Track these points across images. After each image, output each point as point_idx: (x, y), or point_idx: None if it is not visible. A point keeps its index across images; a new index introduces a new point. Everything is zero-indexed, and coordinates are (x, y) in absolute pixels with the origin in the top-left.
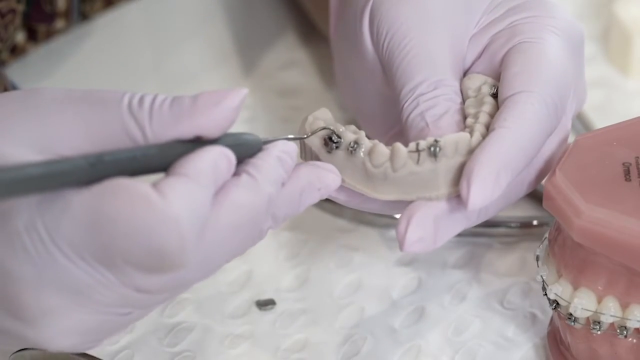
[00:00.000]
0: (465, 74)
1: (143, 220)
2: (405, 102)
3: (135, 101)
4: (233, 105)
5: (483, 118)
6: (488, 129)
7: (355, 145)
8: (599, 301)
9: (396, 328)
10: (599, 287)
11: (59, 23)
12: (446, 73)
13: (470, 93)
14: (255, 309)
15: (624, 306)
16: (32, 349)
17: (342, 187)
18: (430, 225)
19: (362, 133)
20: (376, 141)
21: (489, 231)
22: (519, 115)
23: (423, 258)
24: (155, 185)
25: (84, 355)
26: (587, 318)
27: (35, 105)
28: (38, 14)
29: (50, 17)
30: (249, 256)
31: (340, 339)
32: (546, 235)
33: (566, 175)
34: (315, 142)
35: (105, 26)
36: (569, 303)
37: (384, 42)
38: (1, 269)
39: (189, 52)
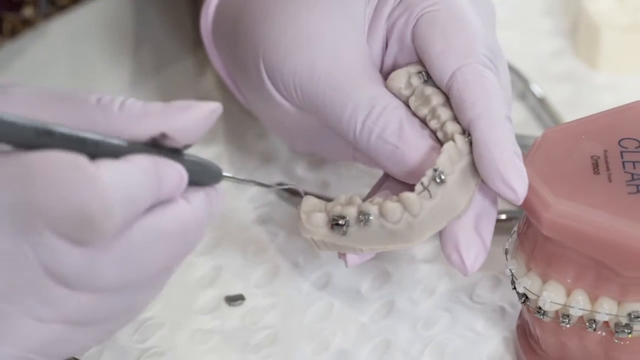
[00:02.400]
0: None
1: (69, 178)
2: (355, 131)
3: (105, 98)
4: (203, 112)
5: (444, 114)
6: (456, 120)
7: (364, 216)
8: (568, 294)
9: (365, 322)
10: (568, 281)
11: (27, 11)
12: (369, 87)
13: (404, 92)
14: (224, 304)
15: (593, 299)
16: None
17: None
18: (474, 238)
19: (356, 198)
20: (378, 200)
21: None
22: (493, 133)
23: (391, 252)
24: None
25: None
26: (556, 311)
27: (2, 101)
28: (5, 2)
29: (17, 5)
30: (217, 251)
31: (310, 334)
32: (515, 229)
33: (535, 168)
34: (322, 232)
35: (70, 21)
36: (538, 296)
37: (296, 94)
38: None
39: (162, 46)
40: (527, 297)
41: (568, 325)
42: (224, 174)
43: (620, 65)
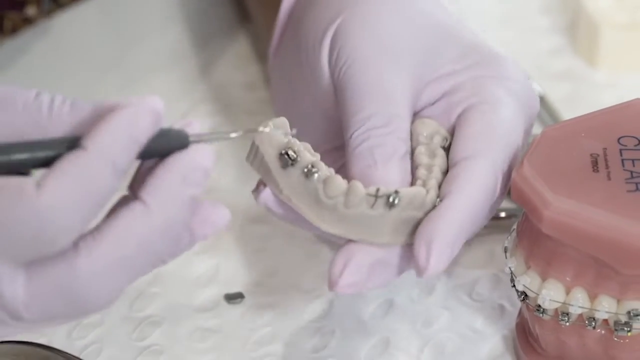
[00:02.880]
0: (415, 115)
1: (11, 208)
2: (355, 132)
3: (32, 103)
4: (150, 104)
5: (436, 174)
6: (439, 185)
7: (313, 170)
8: (568, 292)
9: (365, 320)
10: (567, 279)
11: (30, 10)
12: (400, 110)
13: (422, 139)
14: (223, 302)
15: (593, 297)
16: (0, 342)
17: (282, 202)
18: (365, 271)
19: (318, 156)
20: (332, 171)
21: None
22: (475, 182)
23: None
24: (42, 177)
25: (52, 349)
26: (556, 309)
27: None
28: (7, 1)
29: (20, 4)
30: (217, 250)
31: (309, 332)
32: (514, 226)
33: (534, 166)
34: (270, 152)
35: (72, 19)
36: (537, 294)
37: (341, 67)
38: None
39: (157, 45)
40: (526, 295)
41: (567, 324)
42: (190, 136)
43: (620, 63)
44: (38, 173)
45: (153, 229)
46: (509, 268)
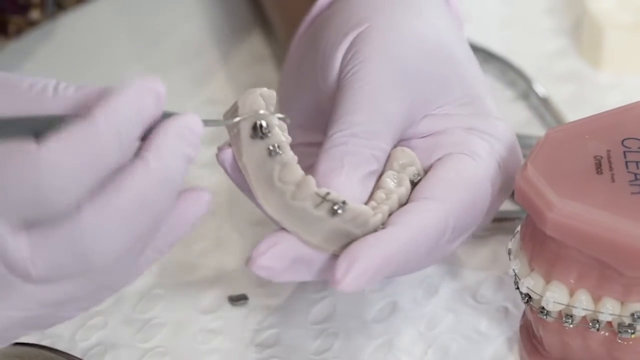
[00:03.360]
0: (400, 141)
1: (14, 165)
2: (337, 132)
3: (38, 84)
4: (152, 84)
5: (393, 202)
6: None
7: (278, 150)
8: (571, 294)
9: (368, 322)
10: (571, 281)
11: (34, 14)
12: (387, 130)
13: (395, 166)
14: (227, 304)
15: (596, 299)
16: None
17: (238, 168)
18: (285, 261)
19: (289, 140)
20: (296, 159)
21: None
22: (420, 222)
23: None
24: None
25: (56, 351)
26: (560, 311)
27: None
28: (11, 5)
29: (24, 8)
30: (221, 251)
31: (313, 334)
32: (518, 228)
33: (538, 168)
34: (246, 124)
35: (76, 21)
36: (541, 296)
37: (351, 69)
38: None
39: (165, 46)
40: (530, 297)
41: (571, 326)
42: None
43: (624, 65)
44: None
45: (152, 182)
46: (513, 270)
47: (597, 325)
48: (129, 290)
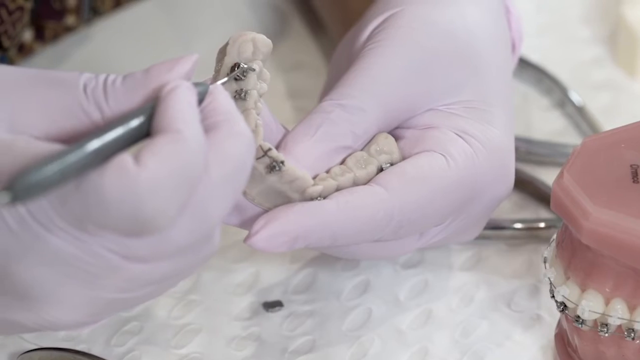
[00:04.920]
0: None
1: (114, 189)
2: (328, 99)
3: (90, 81)
4: (184, 71)
5: (345, 181)
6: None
7: (242, 96)
8: (607, 303)
9: (403, 330)
10: (607, 289)
11: (69, 19)
12: (376, 113)
13: (372, 150)
14: (262, 310)
15: (632, 308)
16: (40, 348)
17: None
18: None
19: (264, 90)
20: (260, 108)
21: (496, 233)
22: (357, 204)
23: (430, 260)
24: (138, 151)
25: (91, 356)
26: (595, 320)
27: None
28: (47, 10)
29: (60, 13)
30: (256, 258)
31: (348, 341)
32: (554, 237)
33: (574, 177)
34: (228, 61)
35: (112, 26)
36: (577, 305)
37: (369, 44)
38: None
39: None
40: (565, 306)
41: (606, 334)
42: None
43: None
44: None
45: (246, 146)
46: (548, 278)
47: (633, 334)
48: (164, 295)
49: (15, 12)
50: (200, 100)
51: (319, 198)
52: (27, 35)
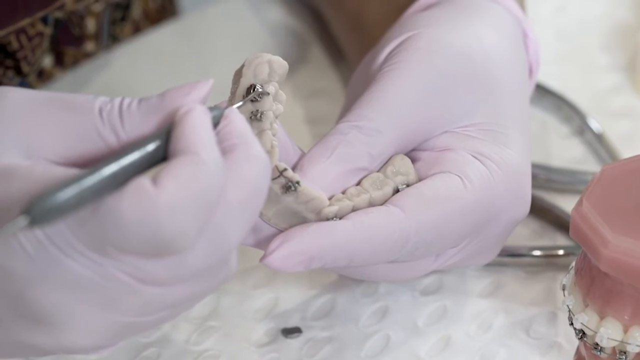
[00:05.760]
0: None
1: (133, 212)
2: (345, 121)
3: (105, 105)
4: (201, 96)
5: (360, 201)
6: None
7: (258, 117)
8: (626, 331)
9: (422, 356)
10: (626, 317)
11: (89, 45)
12: (394, 134)
13: (389, 171)
14: (281, 336)
15: None
16: None
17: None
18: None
19: (279, 111)
20: (276, 130)
21: (515, 261)
22: (373, 225)
23: (448, 286)
24: (156, 174)
25: None
26: (613, 348)
27: (5, 107)
28: (66, 37)
29: (79, 40)
30: (275, 284)
31: None
32: (573, 264)
33: (593, 204)
34: (244, 82)
35: (131, 52)
36: (595, 332)
37: (387, 66)
38: (3, 271)
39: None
40: (584, 333)
41: None
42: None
43: None
44: None
45: (264, 169)
46: (567, 306)
47: None
48: (182, 321)
49: (35, 37)
50: (215, 124)
51: (334, 218)
52: (47, 61)
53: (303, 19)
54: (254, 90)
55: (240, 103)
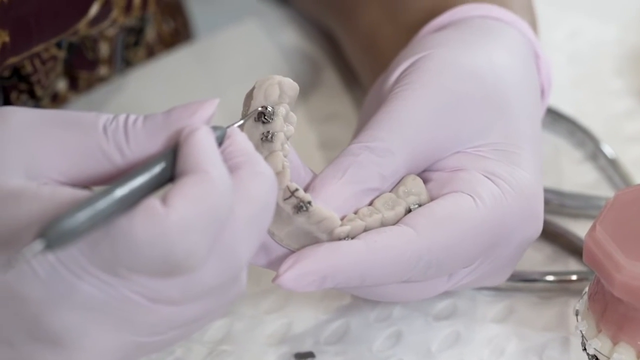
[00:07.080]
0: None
1: (144, 232)
2: (357, 142)
3: (110, 122)
4: (206, 116)
5: (372, 222)
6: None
7: (269, 138)
8: (638, 356)
9: None
10: (639, 343)
11: (102, 70)
12: (405, 154)
13: (399, 190)
14: None
15: None
16: None
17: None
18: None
19: (290, 133)
20: (287, 150)
21: (527, 286)
22: (385, 245)
23: (462, 311)
24: (165, 194)
25: None
26: None
27: (8, 128)
28: (80, 61)
29: (93, 64)
30: (288, 308)
31: None
32: (586, 289)
33: (606, 230)
34: (255, 104)
35: (145, 76)
36: (608, 358)
37: (397, 87)
38: (16, 295)
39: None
40: (597, 359)
41: None
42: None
43: None
44: None
45: (270, 188)
46: (580, 331)
47: None
48: (195, 344)
49: (49, 61)
50: (219, 144)
51: (347, 238)
52: (62, 85)
53: (316, 43)
54: (264, 114)
55: (241, 122)
